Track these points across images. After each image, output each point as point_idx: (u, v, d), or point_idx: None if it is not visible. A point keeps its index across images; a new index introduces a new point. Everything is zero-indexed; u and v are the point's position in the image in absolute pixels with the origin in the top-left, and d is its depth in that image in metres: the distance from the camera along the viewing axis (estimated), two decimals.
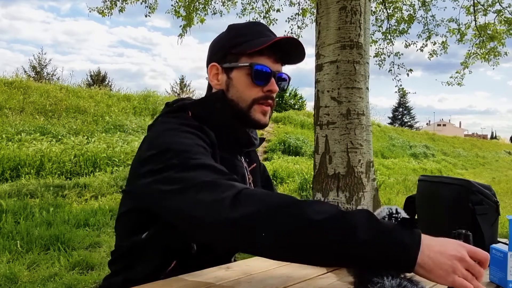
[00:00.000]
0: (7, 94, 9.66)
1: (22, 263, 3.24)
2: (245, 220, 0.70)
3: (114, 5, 7.27)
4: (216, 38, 1.10)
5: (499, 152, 28.75)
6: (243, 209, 0.71)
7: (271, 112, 1.07)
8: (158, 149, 0.86)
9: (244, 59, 1.01)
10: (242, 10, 8.91)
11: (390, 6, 8.80)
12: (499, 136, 68.50)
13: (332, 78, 4.63)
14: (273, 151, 11.02)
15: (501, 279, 0.86)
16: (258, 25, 1.08)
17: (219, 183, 0.76)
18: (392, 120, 50.74)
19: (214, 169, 0.81)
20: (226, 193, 0.73)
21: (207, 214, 0.73)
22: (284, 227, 0.69)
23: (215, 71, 1.06)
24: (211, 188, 0.75)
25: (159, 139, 0.90)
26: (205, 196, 0.75)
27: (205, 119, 1.00)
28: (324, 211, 0.70)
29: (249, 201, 0.72)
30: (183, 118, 0.99)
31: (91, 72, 28.98)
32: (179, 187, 0.78)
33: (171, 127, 0.93)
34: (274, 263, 1.00)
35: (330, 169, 4.58)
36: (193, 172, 0.79)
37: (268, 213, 0.70)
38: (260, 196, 0.74)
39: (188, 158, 0.82)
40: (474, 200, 1.08)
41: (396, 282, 0.69)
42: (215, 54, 1.07)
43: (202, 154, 0.85)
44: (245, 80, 1.02)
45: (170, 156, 0.83)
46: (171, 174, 0.80)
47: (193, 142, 0.88)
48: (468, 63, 9.19)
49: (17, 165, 6.21)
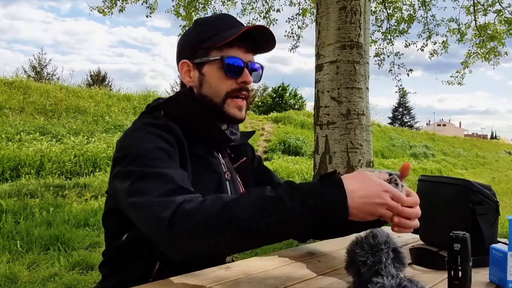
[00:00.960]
0: (7, 94, 9.66)
1: (22, 263, 3.24)
2: (184, 240, 0.75)
3: (114, 4, 7.28)
4: (184, 34, 1.08)
5: (499, 152, 28.76)
6: (179, 230, 0.74)
7: (247, 105, 1.05)
8: (122, 152, 0.90)
9: (215, 52, 0.99)
10: (242, 10, 8.91)
11: (390, 6, 8.80)
12: (499, 136, 68.54)
13: (332, 78, 4.63)
14: (273, 151, 11.03)
15: (501, 279, 0.86)
16: (226, 17, 1.06)
17: (158, 202, 0.78)
18: (392, 120, 50.76)
19: (163, 179, 0.82)
20: (164, 213, 0.75)
21: (153, 233, 0.78)
22: (222, 238, 0.74)
23: (186, 68, 1.03)
24: (151, 208, 0.78)
25: (125, 141, 0.92)
26: (148, 216, 0.78)
27: (176, 117, 0.99)
28: (249, 203, 0.74)
29: (184, 220, 0.74)
30: (153, 117, 0.99)
31: (91, 72, 29.01)
32: (132, 201, 0.82)
33: (137, 128, 0.93)
34: (274, 263, 1.00)
35: (330, 169, 4.58)
36: (142, 184, 0.82)
37: (204, 228, 0.74)
38: (195, 210, 0.75)
39: (142, 165, 0.84)
40: (474, 200, 1.08)
41: (396, 282, 0.69)
42: (184, 50, 1.05)
43: (159, 159, 0.86)
44: (217, 74, 1.00)
45: (129, 162, 0.86)
46: (128, 184, 0.83)
47: (153, 145, 0.88)
48: (468, 62, 9.19)
49: (17, 165, 6.21)
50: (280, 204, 0.72)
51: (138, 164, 0.84)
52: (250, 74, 1.02)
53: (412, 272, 0.95)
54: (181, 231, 0.74)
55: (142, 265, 0.93)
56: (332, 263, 1.01)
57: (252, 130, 1.19)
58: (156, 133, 0.91)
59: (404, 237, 1.37)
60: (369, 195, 0.74)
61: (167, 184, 0.81)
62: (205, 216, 0.74)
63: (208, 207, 0.75)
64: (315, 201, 0.72)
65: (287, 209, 0.71)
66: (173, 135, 0.93)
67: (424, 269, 0.97)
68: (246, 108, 1.06)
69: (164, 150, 0.89)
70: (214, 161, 1.04)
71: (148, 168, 0.83)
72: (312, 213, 0.72)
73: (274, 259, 1.05)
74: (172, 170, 0.85)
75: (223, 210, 0.74)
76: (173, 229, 0.74)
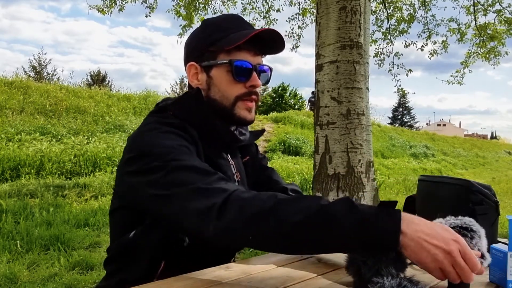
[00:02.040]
0: (7, 94, 9.66)
1: (22, 263, 3.24)
2: (231, 229, 0.73)
3: (114, 3, 7.28)
4: (191, 35, 1.06)
5: (499, 152, 28.75)
6: (228, 217, 0.73)
7: (256, 107, 1.05)
8: (141, 150, 0.87)
9: (223, 55, 0.98)
10: (242, 10, 8.91)
11: (390, 6, 8.80)
12: (499, 136, 68.54)
13: (332, 78, 4.63)
14: (273, 151, 11.03)
15: (501, 279, 0.86)
16: (234, 18, 1.04)
17: (204, 189, 0.76)
18: (392, 120, 50.76)
19: (198, 170, 0.80)
20: (211, 200, 0.74)
21: (196, 223, 0.76)
22: (267, 233, 0.72)
23: (194, 71, 1.02)
24: (197, 195, 0.76)
25: (141, 139, 0.90)
26: (192, 205, 0.76)
27: (185, 118, 0.98)
28: (304, 208, 0.71)
29: (233, 208, 0.73)
30: (165, 117, 0.97)
31: (91, 72, 29.05)
32: (165, 193, 0.79)
33: (153, 127, 0.91)
34: (274, 263, 1.00)
35: (330, 169, 4.58)
36: (178, 175, 0.79)
37: (252, 220, 0.72)
38: (244, 201, 0.74)
39: (171, 160, 0.82)
40: (474, 200, 1.08)
41: (396, 282, 0.69)
42: (191, 52, 1.03)
43: (185, 154, 0.84)
44: (226, 78, 0.99)
45: (154, 158, 0.83)
46: (156, 178, 0.81)
47: (175, 143, 0.87)
48: (468, 62, 9.19)
49: (17, 165, 6.21)
50: (335, 218, 0.69)
51: (166, 159, 0.82)
52: (258, 77, 1.01)
53: (412, 272, 0.95)
54: (231, 218, 0.73)
55: (147, 264, 0.93)
56: (332, 263, 1.01)
57: (262, 128, 1.18)
58: (173, 131, 0.90)
59: None
60: (434, 235, 0.67)
61: (203, 174, 0.79)
62: (258, 209, 0.72)
63: (262, 200, 0.74)
64: (369, 223, 0.68)
65: (341, 225, 0.69)
66: (190, 135, 0.93)
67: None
68: (256, 109, 1.05)
69: (186, 147, 0.87)
70: (223, 163, 1.03)
71: (180, 162, 0.81)
72: (364, 234, 0.68)
73: (274, 259, 1.05)
74: (200, 163, 0.83)
75: (277, 207, 0.72)
76: (224, 215, 0.73)
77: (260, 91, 1.07)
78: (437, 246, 0.66)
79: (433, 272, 0.68)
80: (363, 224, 0.68)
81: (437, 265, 0.67)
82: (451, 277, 0.67)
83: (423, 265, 0.68)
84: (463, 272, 0.67)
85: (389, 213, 0.69)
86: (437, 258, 0.66)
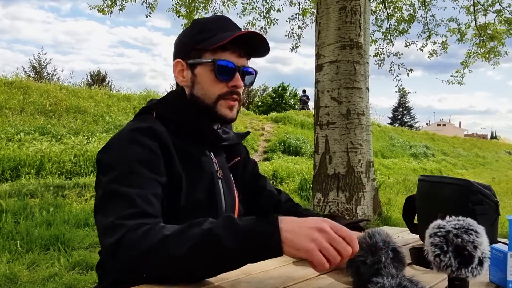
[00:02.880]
0: (7, 94, 9.66)
1: (22, 263, 3.24)
2: (125, 266, 0.78)
3: (114, 3, 7.29)
4: (181, 34, 1.10)
5: (499, 152, 28.76)
6: (121, 256, 0.78)
7: (239, 106, 1.07)
8: (103, 159, 0.93)
9: (208, 55, 1.01)
10: (242, 10, 8.92)
11: (390, 6, 8.80)
12: (499, 136, 68.55)
13: (332, 78, 4.63)
14: (273, 151, 11.03)
15: (501, 279, 0.86)
16: (222, 19, 1.08)
17: (114, 225, 0.81)
18: (392, 120, 50.75)
19: (127, 200, 0.84)
20: (110, 239, 0.80)
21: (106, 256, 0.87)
22: (158, 269, 0.77)
23: (180, 68, 1.05)
24: (107, 230, 0.82)
25: (108, 147, 0.95)
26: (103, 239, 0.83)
27: (168, 118, 1.01)
28: (188, 239, 0.75)
29: (125, 248, 0.78)
30: (143, 120, 1.00)
31: (91, 72, 29.05)
32: (96, 218, 0.87)
33: (123, 136, 0.95)
34: (274, 263, 1.00)
35: (330, 169, 4.58)
36: (107, 202, 0.86)
37: (139, 260, 0.77)
38: (132, 241, 0.78)
39: (114, 180, 0.87)
40: (474, 200, 1.08)
41: (396, 282, 0.69)
42: (179, 50, 1.07)
43: (134, 175, 0.88)
44: (209, 76, 1.02)
45: (105, 171, 0.90)
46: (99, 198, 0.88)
47: (134, 158, 0.90)
48: (468, 62, 9.20)
49: (17, 165, 6.21)
50: (216, 243, 0.73)
51: (111, 179, 0.87)
52: (242, 78, 1.04)
53: (412, 272, 0.95)
54: (122, 258, 0.78)
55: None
56: None
57: (247, 131, 1.20)
58: (138, 141, 0.92)
59: (404, 237, 1.37)
60: (306, 221, 0.74)
61: (127, 208, 0.83)
62: (142, 249, 0.77)
63: (148, 238, 0.78)
64: (251, 233, 0.73)
65: (225, 245, 0.73)
66: (156, 140, 0.94)
67: (424, 269, 0.96)
68: (238, 109, 1.07)
69: (144, 162, 0.90)
70: (206, 160, 1.05)
71: (118, 187, 0.86)
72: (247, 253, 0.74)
73: (274, 259, 1.05)
74: (140, 189, 0.87)
75: (159, 245, 0.76)
76: (116, 255, 0.78)
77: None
78: (311, 227, 0.72)
79: (314, 256, 0.71)
80: (245, 236, 0.73)
81: (315, 245, 0.71)
82: (330, 253, 0.71)
83: (304, 251, 0.71)
84: (339, 245, 0.72)
85: (266, 220, 0.74)
86: (313, 237, 0.71)
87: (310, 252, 0.71)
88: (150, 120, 1.00)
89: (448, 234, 0.71)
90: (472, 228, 0.71)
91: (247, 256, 0.74)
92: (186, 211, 0.97)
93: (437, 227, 0.73)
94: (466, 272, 0.70)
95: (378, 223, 4.50)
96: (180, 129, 1.01)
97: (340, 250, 0.72)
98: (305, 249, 0.71)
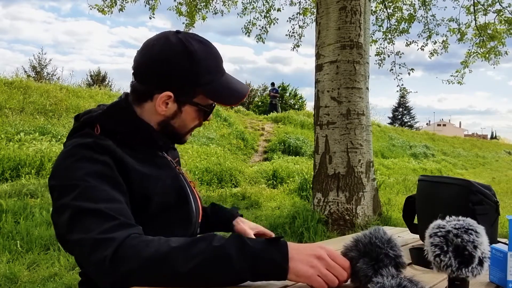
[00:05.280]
0: (7, 94, 9.66)
1: (22, 263, 3.24)
2: (126, 279, 0.75)
3: (114, 3, 7.28)
4: (171, 56, 0.96)
5: (499, 152, 28.73)
6: (122, 268, 0.75)
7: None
8: (55, 181, 0.89)
9: (202, 98, 1.01)
10: (242, 10, 8.91)
11: (390, 5, 8.80)
12: (499, 136, 68.47)
13: (332, 78, 4.63)
14: (273, 151, 11.02)
15: (501, 279, 0.86)
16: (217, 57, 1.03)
17: (99, 240, 0.77)
18: (392, 120, 50.75)
19: (99, 215, 0.81)
20: (103, 253, 0.76)
21: (95, 274, 0.78)
22: (162, 280, 0.75)
23: (165, 99, 0.99)
24: (92, 247, 0.78)
25: (57, 169, 0.90)
26: (90, 257, 0.78)
27: (114, 130, 0.97)
28: (195, 255, 0.75)
29: (126, 258, 0.75)
30: (85, 135, 0.95)
31: (91, 72, 29.02)
32: (74, 238, 0.81)
33: (69, 154, 0.90)
34: None
35: (330, 169, 4.58)
36: (79, 221, 0.81)
37: (145, 269, 0.75)
38: (135, 250, 0.76)
39: (77, 198, 0.83)
40: (474, 200, 1.08)
41: (396, 282, 0.69)
42: (170, 80, 0.98)
43: (93, 189, 0.84)
44: (194, 115, 1.04)
45: (62, 194, 0.85)
46: (69, 219, 0.82)
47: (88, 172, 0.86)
48: (469, 62, 9.20)
49: (17, 165, 6.21)
50: (229, 260, 0.74)
51: (73, 197, 0.83)
52: None
53: (412, 272, 0.95)
54: (125, 269, 0.75)
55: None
56: None
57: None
58: (87, 156, 0.89)
59: (404, 237, 1.37)
60: (305, 248, 0.78)
61: (105, 222, 0.80)
62: (150, 258, 0.75)
63: (155, 248, 0.76)
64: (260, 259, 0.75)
65: (235, 266, 0.74)
66: (106, 153, 0.91)
67: (424, 269, 0.96)
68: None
69: (99, 176, 0.87)
70: (162, 162, 1.05)
71: (84, 204, 0.82)
72: (253, 275, 0.76)
73: None
74: (108, 203, 0.84)
75: (170, 255, 0.75)
76: (117, 266, 0.75)
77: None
78: (310, 255, 0.77)
79: (314, 282, 0.75)
80: (255, 260, 0.75)
81: (315, 271, 0.75)
82: (329, 279, 0.76)
83: (305, 277, 0.75)
84: (336, 271, 0.77)
85: (277, 248, 0.77)
86: (312, 264, 0.76)
87: (310, 278, 0.75)
88: (93, 135, 0.95)
89: (448, 234, 0.71)
90: (472, 228, 0.71)
91: (251, 277, 0.76)
92: (157, 213, 0.96)
93: (437, 227, 0.73)
94: (466, 272, 0.70)
95: (378, 223, 4.49)
96: (129, 138, 0.99)
97: (338, 276, 0.77)
98: (306, 276, 0.75)
